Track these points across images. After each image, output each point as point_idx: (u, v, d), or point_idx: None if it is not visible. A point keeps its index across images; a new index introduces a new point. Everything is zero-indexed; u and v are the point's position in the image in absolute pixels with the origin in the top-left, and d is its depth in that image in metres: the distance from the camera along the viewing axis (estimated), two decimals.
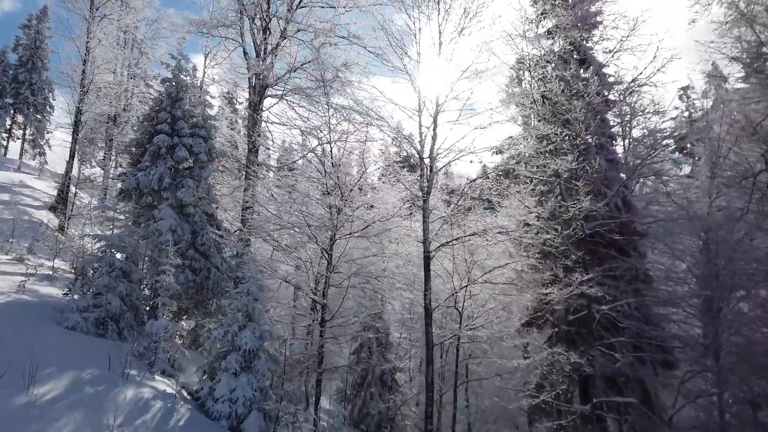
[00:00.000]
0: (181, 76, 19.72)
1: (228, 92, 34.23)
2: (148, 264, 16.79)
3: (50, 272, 18.29)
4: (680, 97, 48.41)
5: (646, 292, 17.73)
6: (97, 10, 29.60)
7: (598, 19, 18.33)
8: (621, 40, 16.36)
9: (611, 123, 19.77)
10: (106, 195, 32.78)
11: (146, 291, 16.81)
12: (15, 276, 15.99)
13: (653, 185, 21.30)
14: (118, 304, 14.06)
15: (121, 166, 35.76)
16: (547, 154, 14.84)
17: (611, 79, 19.96)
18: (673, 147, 33.79)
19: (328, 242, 16.57)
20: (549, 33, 19.22)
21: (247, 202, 22.17)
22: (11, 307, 13.20)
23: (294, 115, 22.83)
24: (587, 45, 19.96)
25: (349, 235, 16.49)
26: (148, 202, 18.15)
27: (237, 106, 35.23)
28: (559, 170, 14.80)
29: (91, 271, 15.24)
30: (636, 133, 20.24)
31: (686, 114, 46.11)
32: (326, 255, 16.55)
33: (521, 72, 28.98)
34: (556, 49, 19.80)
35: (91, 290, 14.45)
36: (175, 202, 18.22)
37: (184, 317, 18.60)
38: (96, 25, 29.03)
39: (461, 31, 16.60)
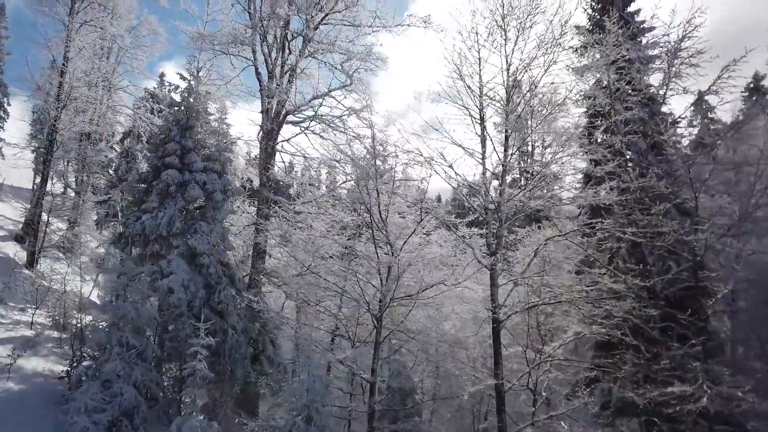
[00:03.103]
0: (191, 99, 16.88)
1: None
2: (158, 331, 13.80)
3: (30, 332, 15.13)
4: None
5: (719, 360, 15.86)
6: (77, 15, 26.08)
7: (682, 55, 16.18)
8: (715, 81, 14.29)
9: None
10: (77, 221, 29.11)
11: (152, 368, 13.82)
12: None
13: None
14: (132, 395, 11.14)
15: (94, 186, 32.14)
16: (659, 216, 12.67)
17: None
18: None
19: (378, 306, 13.89)
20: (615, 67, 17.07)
21: (259, 244, 19.33)
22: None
23: (321, 146, 20.14)
24: (646, 80, 17.95)
25: (414, 300, 13.84)
26: (155, 251, 15.18)
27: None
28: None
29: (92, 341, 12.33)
30: None
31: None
32: (376, 322, 13.88)
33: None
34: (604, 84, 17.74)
35: (96, 374, 11.46)
36: (186, 250, 15.31)
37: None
38: (75, 33, 25.55)
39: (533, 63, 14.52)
